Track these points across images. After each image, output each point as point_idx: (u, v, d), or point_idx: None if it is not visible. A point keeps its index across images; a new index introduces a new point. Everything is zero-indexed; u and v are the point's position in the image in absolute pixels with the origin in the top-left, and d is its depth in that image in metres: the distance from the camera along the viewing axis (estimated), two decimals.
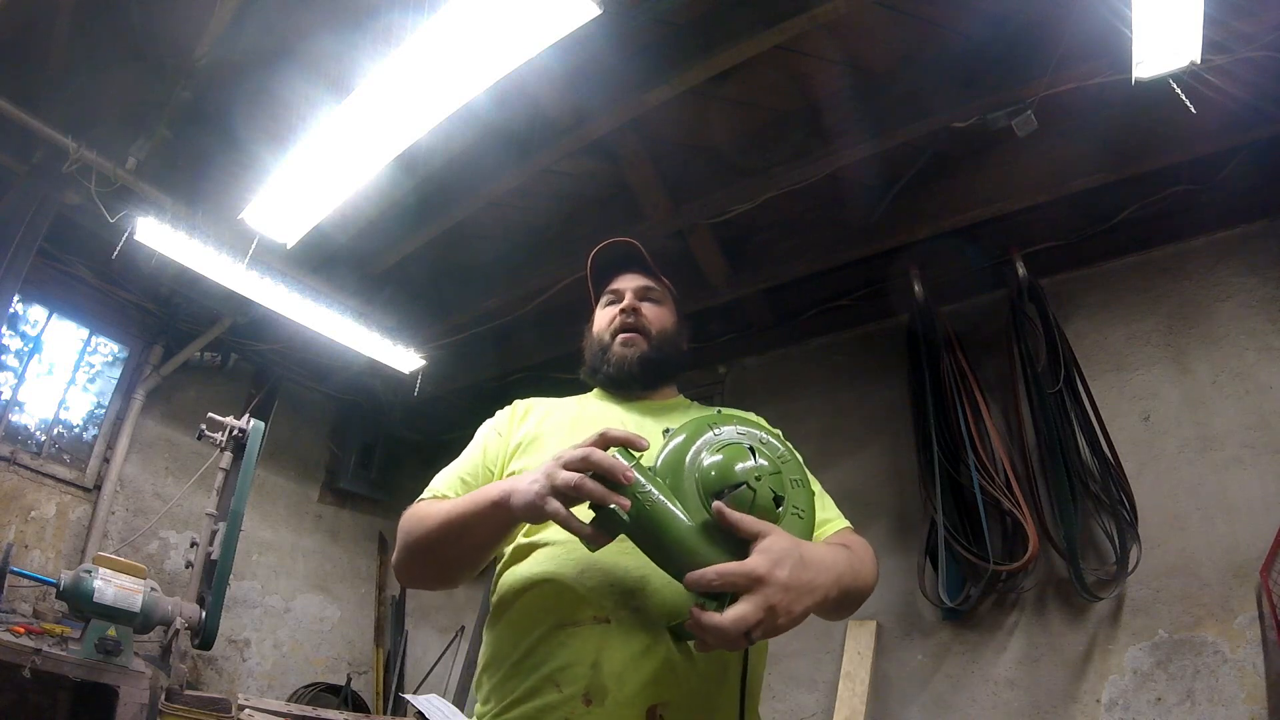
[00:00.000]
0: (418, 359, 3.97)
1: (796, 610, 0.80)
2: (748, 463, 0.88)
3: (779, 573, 0.79)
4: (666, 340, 1.30)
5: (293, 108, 2.64)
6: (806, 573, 0.82)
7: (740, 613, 0.76)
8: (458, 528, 1.01)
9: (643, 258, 1.34)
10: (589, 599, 0.94)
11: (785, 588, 0.79)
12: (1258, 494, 2.32)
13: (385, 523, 5.00)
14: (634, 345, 1.27)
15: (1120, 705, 2.34)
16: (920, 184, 2.92)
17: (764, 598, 0.77)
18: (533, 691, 0.92)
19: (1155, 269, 2.77)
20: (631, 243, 1.34)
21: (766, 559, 0.79)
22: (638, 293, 1.32)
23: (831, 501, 1.18)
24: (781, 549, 0.81)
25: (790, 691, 2.99)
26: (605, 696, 0.89)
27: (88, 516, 3.73)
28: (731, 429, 0.95)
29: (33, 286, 3.57)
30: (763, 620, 0.77)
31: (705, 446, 0.90)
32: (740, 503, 0.85)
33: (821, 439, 3.22)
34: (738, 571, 0.78)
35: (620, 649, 0.91)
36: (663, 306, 1.34)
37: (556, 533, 1.01)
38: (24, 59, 2.91)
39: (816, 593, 0.83)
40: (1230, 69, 2.14)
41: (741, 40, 2.31)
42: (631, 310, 1.29)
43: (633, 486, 0.83)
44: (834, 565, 0.89)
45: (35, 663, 2.31)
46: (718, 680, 0.94)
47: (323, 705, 3.68)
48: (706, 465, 0.88)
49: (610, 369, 1.27)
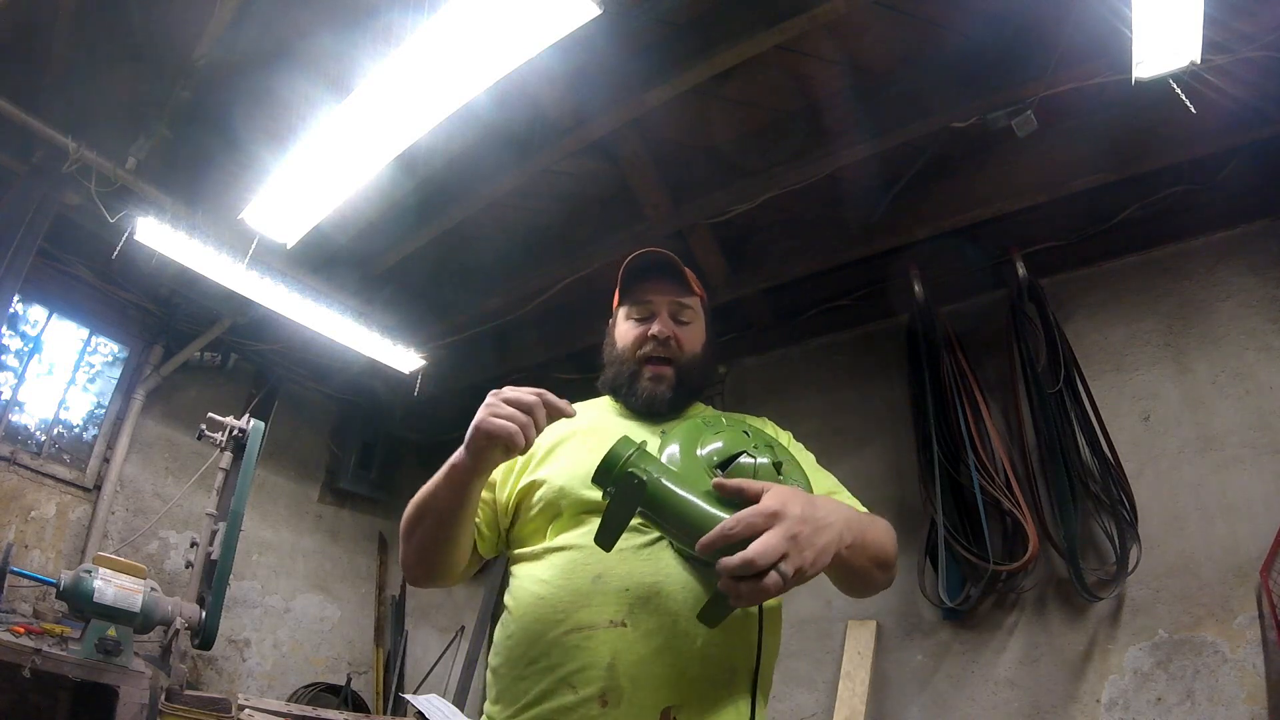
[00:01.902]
0: (418, 359, 3.97)
1: (819, 543, 0.82)
2: (745, 441, 0.97)
3: (792, 507, 0.81)
4: (696, 366, 1.25)
5: (293, 108, 2.64)
6: (818, 510, 0.85)
7: (767, 542, 0.77)
8: (428, 499, 1.05)
9: (679, 269, 1.26)
10: (605, 603, 0.95)
11: (801, 519, 0.81)
12: (1258, 494, 2.32)
13: (385, 523, 5.00)
14: (664, 380, 1.21)
15: (1120, 705, 2.34)
16: (920, 184, 2.92)
17: (784, 528, 0.79)
18: (548, 693, 0.93)
19: (1155, 269, 2.78)
20: (668, 254, 1.26)
21: (776, 498, 0.82)
22: (671, 310, 1.25)
23: (849, 493, 1.18)
24: (788, 491, 0.85)
25: (790, 691, 2.99)
26: (621, 699, 0.90)
27: (88, 516, 3.73)
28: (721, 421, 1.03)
29: (33, 286, 3.57)
30: (788, 552, 0.77)
31: (704, 435, 0.98)
32: (742, 471, 0.92)
33: (821, 439, 3.20)
34: (754, 511, 0.80)
35: (636, 652, 0.92)
36: (694, 326, 1.27)
37: (572, 538, 1.02)
38: (24, 59, 2.91)
39: (832, 529, 0.85)
40: (1230, 69, 2.15)
41: (741, 40, 2.31)
42: (665, 338, 1.22)
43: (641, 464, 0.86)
44: (840, 508, 0.91)
45: (35, 663, 2.31)
46: (727, 682, 0.95)
47: (323, 705, 3.68)
48: (708, 450, 0.95)
49: (639, 403, 1.22)
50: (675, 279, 1.26)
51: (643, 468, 0.85)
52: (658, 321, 1.23)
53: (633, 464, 0.86)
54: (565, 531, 1.04)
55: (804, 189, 2.89)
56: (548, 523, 1.08)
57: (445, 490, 1.01)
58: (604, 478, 0.87)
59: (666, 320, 1.24)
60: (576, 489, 1.05)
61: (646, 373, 1.22)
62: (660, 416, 1.22)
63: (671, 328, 1.23)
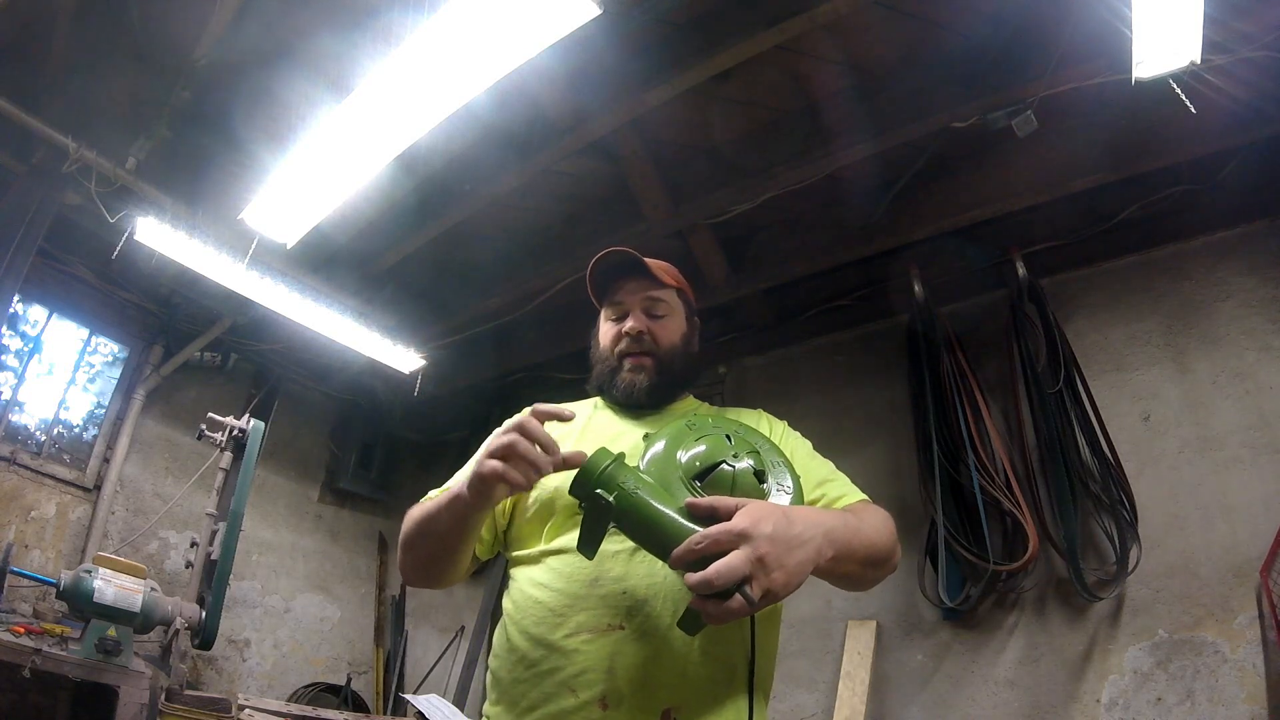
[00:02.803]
0: (418, 359, 3.97)
1: (789, 563, 0.80)
2: (725, 447, 0.93)
3: (763, 527, 0.79)
4: (675, 356, 1.26)
5: (293, 108, 2.64)
6: (793, 527, 0.82)
7: (727, 563, 0.75)
8: (429, 522, 1.06)
9: (643, 265, 1.25)
10: (603, 607, 0.96)
11: (771, 539, 0.78)
12: (1258, 494, 2.32)
13: (385, 523, 5.00)
14: (642, 370, 1.22)
15: (1120, 705, 2.34)
16: (920, 184, 2.92)
17: (751, 549, 0.77)
18: (548, 697, 0.94)
19: (1155, 269, 2.77)
20: (630, 252, 1.25)
21: (748, 517, 0.79)
22: (643, 306, 1.26)
23: (846, 479, 1.17)
24: (762, 509, 0.82)
25: (790, 691, 2.99)
26: (621, 701, 0.91)
27: (88, 516, 3.73)
28: (707, 422, 1.00)
29: (33, 286, 3.57)
30: (752, 574, 0.76)
31: (684, 439, 0.95)
32: (720, 482, 0.89)
33: (822, 439, 3.16)
34: (721, 529, 0.78)
35: (635, 655, 0.93)
36: (669, 318, 1.27)
37: (568, 541, 1.02)
38: (24, 59, 2.91)
39: (808, 546, 0.83)
40: (1230, 69, 2.15)
41: (741, 40, 2.32)
42: (637, 334, 1.23)
43: (616, 478, 0.85)
44: (823, 520, 0.89)
45: (35, 663, 2.31)
46: (726, 682, 0.96)
47: (323, 705, 3.68)
48: (689, 456, 0.92)
49: (619, 394, 1.23)
50: (641, 274, 1.27)
51: (618, 482, 0.85)
52: (630, 318, 1.25)
53: (606, 478, 0.85)
54: (560, 533, 1.05)
55: (804, 189, 2.89)
56: (543, 524, 1.08)
57: (447, 517, 1.02)
58: (580, 491, 0.87)
59: (639, 316, 1.25)
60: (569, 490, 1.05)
61: (626, 364, 1.23)
62: (642, 409, 1.23)
63: (645, 322, 1.25)
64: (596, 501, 0.85)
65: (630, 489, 0.85)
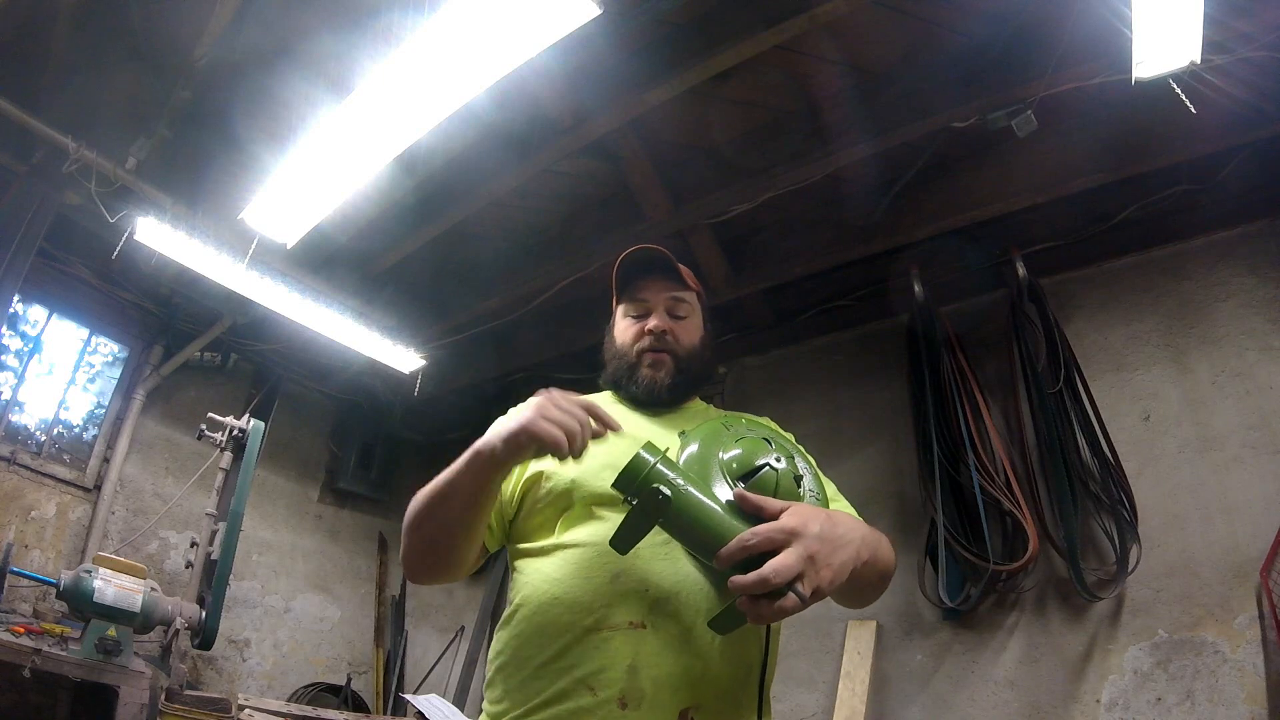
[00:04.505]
0: (418, 359, 3.97)
1: (835, 562, 0.83)
2: (767, 450, 0.95)
3: (812, 526, 0.82)
4: (694, 357, 1.26)
5: (293, 108, 2.64)
6: (837, 528, 0.86)
7: (783, 561, 0.78)
8: (444, 485, 1.00)
9: (672, 265, 1.26)
10: (624, 604, 0.94)
11: (820, 538, 0.82)
12: (1258, 494, 2.32)
13: (385, 523, 5.00)
14: (663, 367, 1.22)
15: (1120, 705, 2.34)
16: (920, 184, 2.92)
17: (802, 547, 0.80)
18: (564, 694, 0.92)
19: (1155, 269, 2.77)
20: (662, 250, 1.26)
21: (797, 516, 0.83)
22: (667, 305, 1.26)
23: (847, 503, 1.18)
24: (808, 509, 0.86)
25: (790, 691, 2.99)
26: (641, 701, 0.90)
27: (88, 516, 3.73)
28: (741, 423, 1.02)
29: (33, 286, 3.57)
30: (805, 571, 0.79)
31: (724, 440, 0.97)
32: (765, 484, 0.91)
33: (821, 439, 3.22)
34: (773, 527, 0.81)
35: (656, 654, 0.92)
36: (690, 320, 1.28)
37: (585, 534, 1.01)
38: (24, 59, 2.91)
39: (849, 547, 0.86)
40: (1230, 69, 2.14)
41: (741, 40, 2.32)
42: (660, 332, 1.23)
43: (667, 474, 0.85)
44: (858, 526, 0.93)
45: (35, 663, 2.31)
46: (743, 681, 0.96)
47: (323, 705, 3.68)
48: (729, 457, 0.94)
49: (639, 391, 1.22)
50: (669, 274, 1.28)
51: (669, 478, 0.84)
52: (654, 317, 1.25)
53: (657, 474, 0.85)
54: (576, 526, 1.03)
55: (804, 189, 2.89)
56: (557, 516, 1.06)
57: (467, 478, 0.98)
58: (627, 485, 0.86)
59: (663, 315, 1.25)
60: (589, 482, 1.03)
61: (646, 360, 1.23)
62: (661, 405, 1.23)
63: (668, 323, 1.25)
64: (653, 496, 0.83)
65: (682, 486, 0.85)
